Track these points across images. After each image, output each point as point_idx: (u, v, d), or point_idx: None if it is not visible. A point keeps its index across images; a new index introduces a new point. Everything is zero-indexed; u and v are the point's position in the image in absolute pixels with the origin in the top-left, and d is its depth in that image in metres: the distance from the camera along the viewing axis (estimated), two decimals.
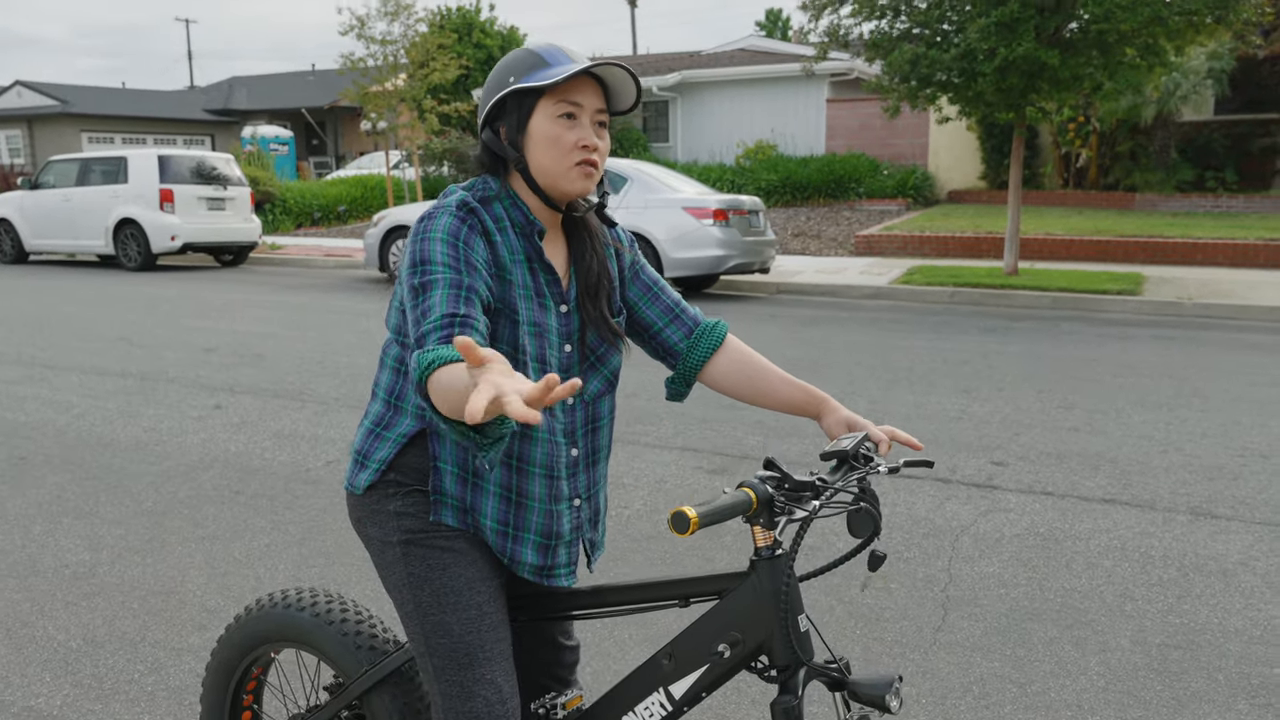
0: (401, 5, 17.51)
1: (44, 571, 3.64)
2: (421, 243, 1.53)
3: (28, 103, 31.94)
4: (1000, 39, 10.43)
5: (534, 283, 1.63)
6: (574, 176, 1.60)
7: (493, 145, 1.65)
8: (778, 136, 22.18)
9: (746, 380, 1.80)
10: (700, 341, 1.81)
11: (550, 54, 1.62)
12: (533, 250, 1.64)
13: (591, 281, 1.69)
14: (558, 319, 1.66)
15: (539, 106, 1.60)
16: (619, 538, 3.91)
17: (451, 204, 1.58)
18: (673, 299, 1.84)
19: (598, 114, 1.62)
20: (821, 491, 1.50)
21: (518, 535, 1.66)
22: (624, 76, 1.61)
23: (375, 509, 1.67)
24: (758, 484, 1.46)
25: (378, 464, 1.66)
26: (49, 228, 15.39)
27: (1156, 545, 3.84)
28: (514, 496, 1.65)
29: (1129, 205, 18.23)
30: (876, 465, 1.61)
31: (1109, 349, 8.07)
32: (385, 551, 1.67)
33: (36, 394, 6.40)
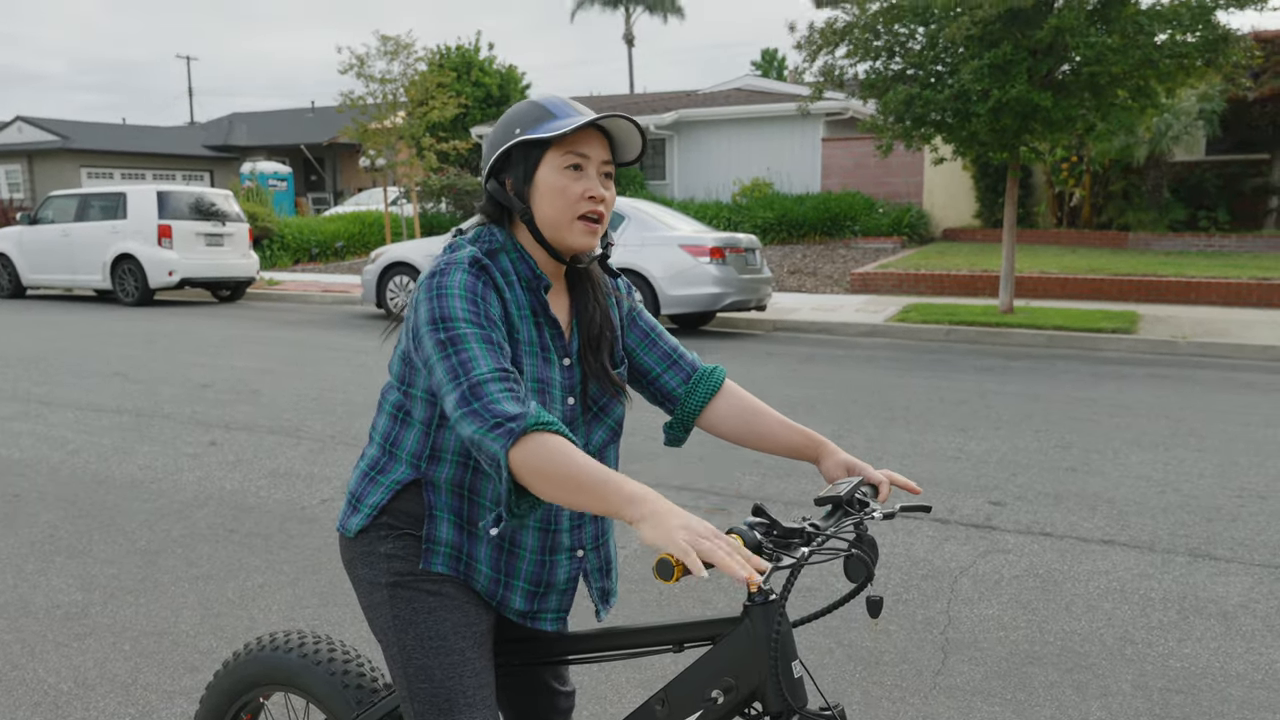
0: (401, 45, 17.70)
1: (35, 612, 3.61)
2: (439, 299, 1.53)
3: (28, 138, 32.11)
4: (994, 80, 10.55)
5: (539, 337, 1.64)
6: (579, 230, 1.61)
7: (498, 196, 1.65)
8: (774, 175, 22.35)
9: (744, 424, 1.80)
10: (698, 386, 1.82)
11: (556, 106, 1.63)
12: (538, 304, 1.64)
13: (594, 334, 1.70)
14: (560, 373, 1.66)
15: (546, 158, 1.61)
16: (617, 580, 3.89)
17: (463, 259, 1.58)
18: (670, 345, 1.85)
19: (604, 165, 1.64)
20: (812, 538, 1.50)
21: (508, 582, 1.67)
22: (629, 128, 1.63)
23: (366, 551, 1.68)
24: (746, 530, 1.45)
25: (370, 508, 1.67)
26: (47, 262, 15.42)
27: (1156, 587, 3.82)
28: (506, 545, 1.66)
29: (1122, 244, 18.35)
30: (871, 511, 1.60)
31: (1105, 388, 8.09)
32: (373, 593, 1.67)
33: (31, 430, 6.37)
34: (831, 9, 11.57)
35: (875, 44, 11.42)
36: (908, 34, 11.35)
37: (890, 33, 11.33)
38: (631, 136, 1.64)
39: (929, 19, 11.01)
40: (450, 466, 1.63)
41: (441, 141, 18.89)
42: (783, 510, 4.72)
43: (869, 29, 11.27)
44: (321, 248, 21.09)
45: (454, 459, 1.63)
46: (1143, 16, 10.31)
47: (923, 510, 1.71)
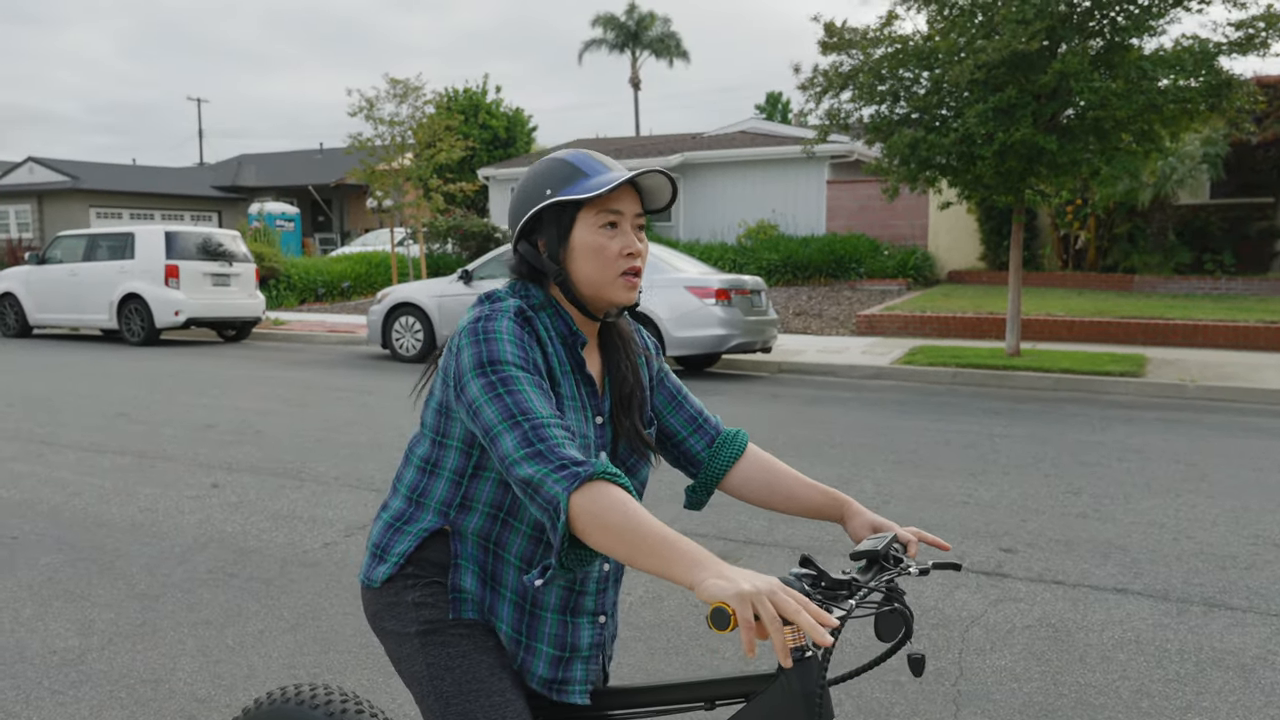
0: (410, 88, 17.88)
1: (31, 658, 3.55)
2: (487, 343, 1.50)
3: (39, 178, 32.42)
4: (998, 124, 10.61)
5: (579, 394, 1.63)
6: (620, 286, 1.60)
7: (531, 259, 1.63)
8: (779, 216, 22.45)
9: (767, 487, 1.80)
10: (722, 450, 1.82)
11: (585, 164, 1.61)
12: (574, 361, 1.63)
13: (626, 392, 1.69)
14: (594, 430, 1.65)
15: (580, 217, 1.59)
16: (621, 628, 3.82)
17: (509, 309, 1.56)
18: (696, 408, 1.85)
19: (636, 218, 1.62)
20: (856, 591, 1.47)
21: (530, 645, 1.63)
22: (660, 180, 1.61)
23: (393, 601, 1.65)
24: (794, 581, 1.42)
25: (397, 557, 1.64)
26: (54, 302, 15.48)
27: (1172, 638, 3.75)
28: (528, 606, 1.63)
29: (1128, 287, 18.34)
30: (907, 566, 1.58)
31: (1114, 432, 8.03)
32: (403, 644, 1.63)
33: (32, 471, 6.34)
34: (837, 54, 11.67)
35: (880, 88, 11.51)
36: (912, 78, 11.44)
37: (895, 77, 11.42)
38: (662, 186, 1.63)
39: (933, 64, 11.10)
40: (480, 517, 1.61)
41: (448, 183, 19.02)
42: (793, 555, 4.66)
43: (874, 73, 11.36)
44: (328, 288, 21.17)
45: (485, 510, 1.61)
46: (1146, 62, 10.39)
47: (953, 568, 1.71)
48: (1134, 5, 10.62)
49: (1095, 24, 10.78)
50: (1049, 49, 10.80)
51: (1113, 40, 10.77)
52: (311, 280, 21.02)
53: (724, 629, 1.27)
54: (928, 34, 11.24)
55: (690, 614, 3.97)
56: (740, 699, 1.55)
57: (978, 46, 10.49)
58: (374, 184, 18.71)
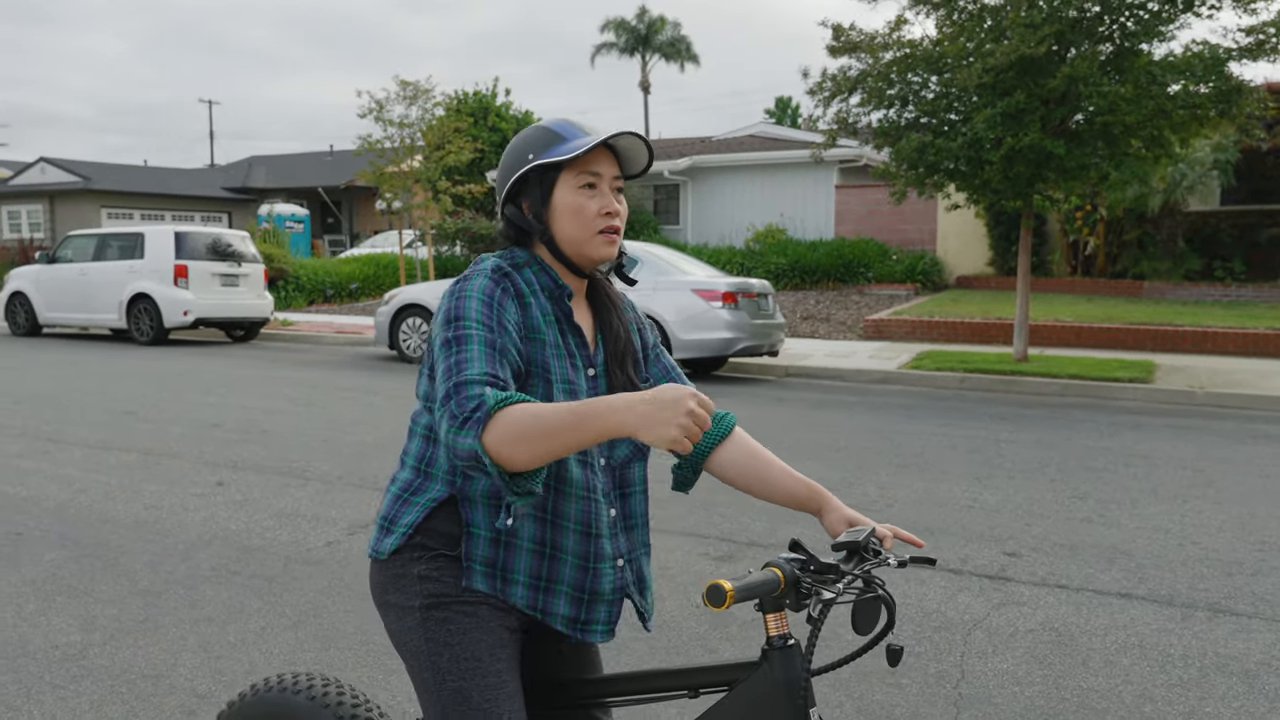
0: (420, 90, 17.91)
1: (34, 653, 3.56)
2: (457, 300, 1.59)
3: (50, 179, 32.58)
4: (1006, 129, 10.59)
5: (564, 343, 1.69)
6: (599, 243, 1.68)
7: (517, 220, 1.71)
8: (787, 221, 22.43)
9: (751, 471, 1.82)
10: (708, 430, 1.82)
11: (565, 129, 1.70)
12: (562, 313, 1.70)
13: (619, 348, 1.75)
14: (587, 381, 1.70)
15: (561, 179, 1.68)
16: (622, 625, 3.82)
17: (486, 268, 1.65)
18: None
19: (615, 180, 1.71)
20: (843, 577, 1.48)
21: (550, 587, 1.66)
22: (637, 143, 1.70)
23: (399, 573, 1.66)
24: (785, 564, 1.43)
25: (404, 528, 1.66)
26: (63, 301, 15.54)
27: (1175, 643, 3.72)
28: (548, 550, 1.65)
29: (1137, 293, 18.28)
30: (886, 558, 1.59)
31: (1121, 438, 7.99)
32: (404, 617, 1.65)
33: (39, 468, 6.36)
34: (845, 57, 11.67)
35: (889, 92, 11.49)
36: (921, 83, 11.42)
37: (903, 81, 11.41)
38: (638, 150, 1.72)
39: (942, 68, 11.08)
40: (485, 480, 1.63)
41: (457, 185, 19.04)
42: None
43: (883, 78, 11.35)
44: (336, 289, 21.23)
45: None
46: (1156, 67, 10.36)
47: (929, 563, 1.72)
48: (1144, 10, 10.59)
49: (1105, 29, 10.75)
50: (1058, 54, 10.78)
51: (1122, 45, 10.74)
52: (320, 281, 21.08)
53: (720, 605, 1.29)
54: (937, 38, 11.22)
55: (690, 614, 3.96)
56: (724, 687, 1.56)
57: (986, 50, 10.47)
58: (383, 186, 18.76)
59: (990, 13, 10.88)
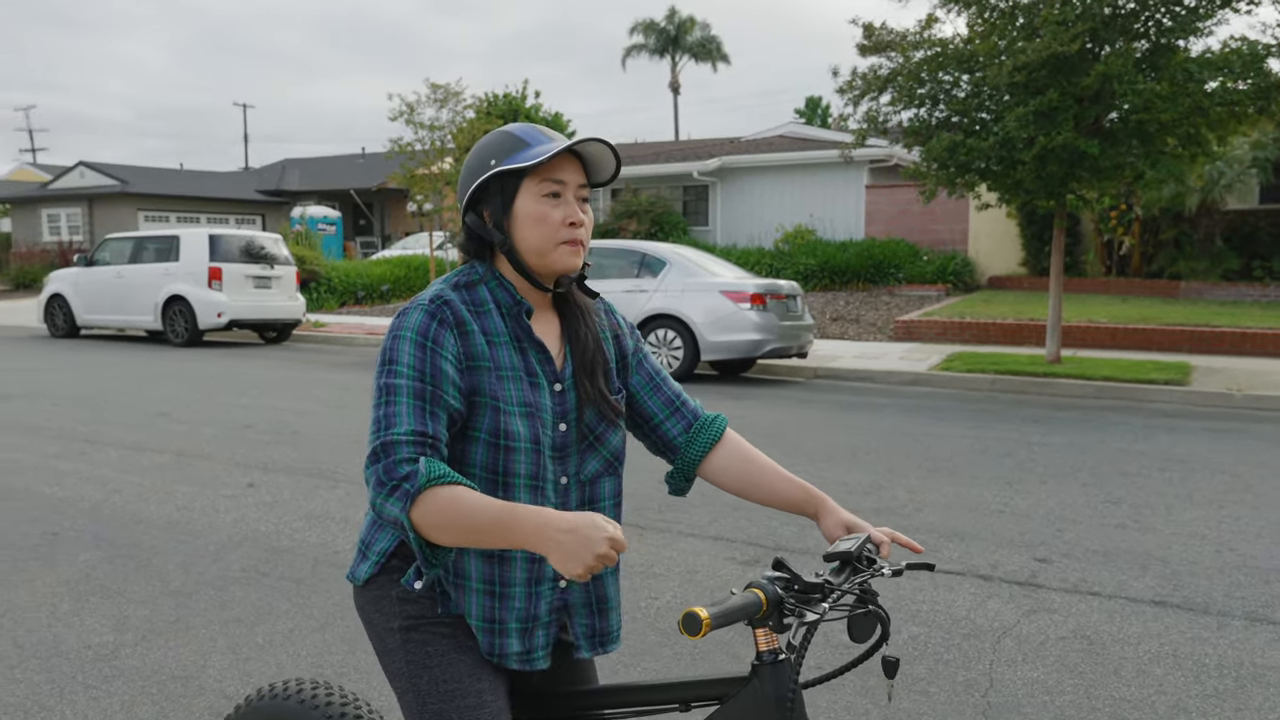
0: (451, 93, 18.01)
1: (67, 652, 3.61)
2: (393, 339, 1.57)
3: (89, 182, 33.09)
4: (1039, 128, 10.46)
5: (523, 362, 1.63)
6: (563, 253, 1.62)
7: (476, 229, 1.66)
8: (816, 221, 22.33)
9: (744, 475, 1.78)
10: (699, 435, 1.80)
11: (528, 134, 1.64)
12: (521, 330, 1.64)
13: (587, 359, 1.69)
14: (552, 398, 1.65)
15: (523, 187, 1.62)
16: (647, 631, 3.81)
17: (424, 299, 1.60)
18: (674, 390, 1.83)
19: (580, 189, 1.65)
20: (830, 593, 1.46)
21: (502, 627, 1.62)
22: (602, 150, 1.63)
23: (378, 595, 1.66)
24: (767, 585, 1.41)
25: (378, 554, 1.66)
26: (101, 303, 15.78)
27: (1211, 653, 3.66)
28: (496, 589, 1.62)
29: (1174, 293, 18.01)
30: (880, 568, 1.57)
31: (1156, 441, 7.87)
32: (387, 639, 1.65)
33: (75, 469, 6.46)
34: (876, 56, 11.59)
35: (919, 91, 11.40)
36: (952, 81, 11.32)
37: (934, 80, 11.31)
38: (605, 158, 1.65)
39: (973, 67, 10.97)
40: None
41: None
42: (814, 562, 4.61)
43: (913, 77, 11.26)
44: (367, 291, 21.38)
45: None
46: (1193, 64, 10.19)
47: (926, 568, 1.69)
48: (1180, 6, 10.43)
49: (1140, 26, 10.60)
50: (1092, 51, 10.64)
51: (1158, 42, 10.58)
52: (351, 283, 21.25)
53: (696, 634, 1.29)
54: (968, 37, 11.11)
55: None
56: (714, 701, 1.55)
57: (1018, 49, 10.36)
58: (414, 188, 18.87)
59: (1022, 10, 10.76)
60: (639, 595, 4.17)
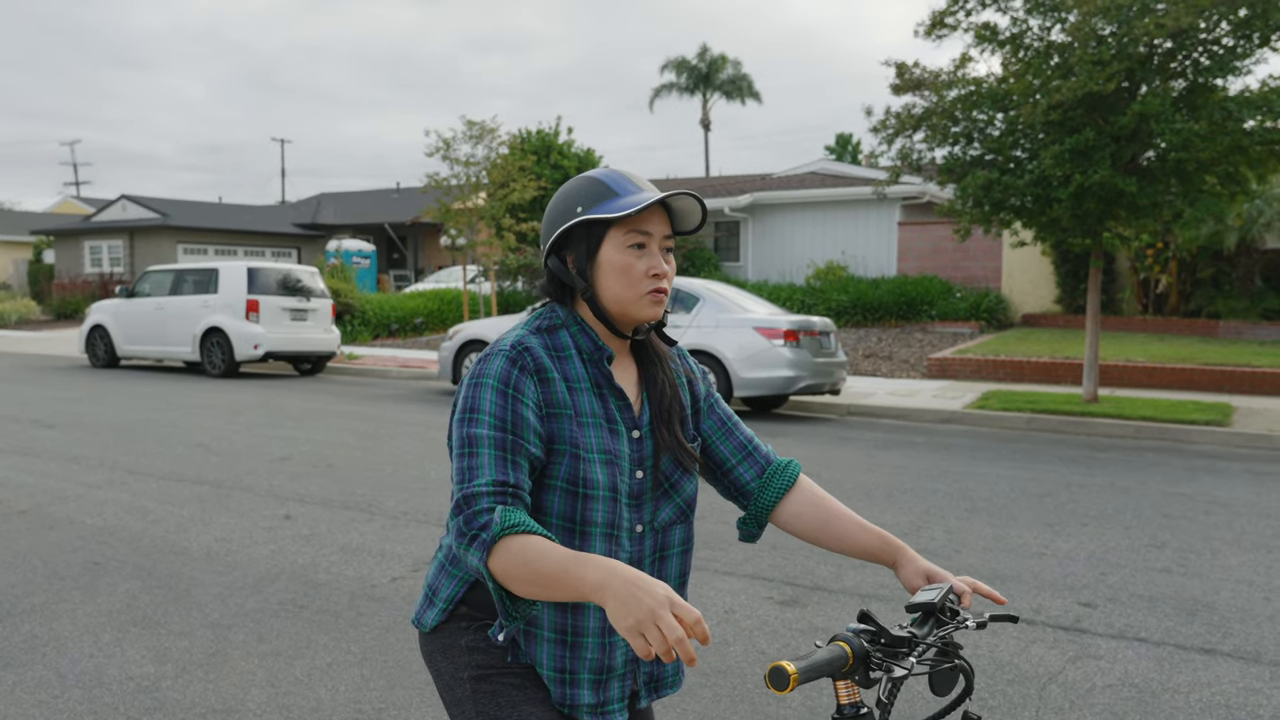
0: (486, 129, 18.24)
1: (109, 683, 3.63)
2: (475, 388, 1.56)
3: (131, 215, 33.74)
4: (1075, 166, 10.42)
5: (604, 409, 1.62)
6: (646, 303, 1.62)
7: (559, 274, 1.66)
8: (848, 258, 22.31)
9: (820, 523, 1.75)
10: (772, 481, 1.78)
11: (616, 182, 1.63)
12: (601, 376, 1.64)
13: (665, 405, 1.68)
14: (629, 445, 1.64)
15: (609, 236, 1.61)
16: (689, 673, 3.77)
17: (506, 345, 1.59)
18: (746, 435, 1.82)
19: (665, 240, 1.64)
20: (915, 647, 1.42)
21: (574, 678, 1.62)
22: (691, 203, 1.63)
23: (447, 643, 1.65)
24: (853, 638, 1.38)
25: (445, 601, 1.65)
26: (141, 334, 16.02)
27: (1265, 704, 3.57)
28: (569, 638, 1.61)
29: (1213, 333, 17.78)
30: (964, 620, 1.53)
31: (1199, 484, 7.74)
32: (455, 688, 1.63)
33: (116, 499, 6.53)
34: (909, 95, 11.62)
35: (953, 130, 11.41)
36: (986, 120, 11.32)
37: (969, 119, 11.32)
38: (692, 209, 1.65)
39: (1008, 105, 10.97)
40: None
41: (520, 222, 19.30)
42: (862, 603, 4.56)
43: (947, 115, 11.27)
44: (401, 324, 21.57)
45: None
46: (1231, 103, 10.14)
47: (1011, 620, 1.65)
48: (1218, 46, 10.40)
49: (1177, 65, 10.57)
50: (1128, 90, 10.61)
51: (1195, 81, 10.53)
52: (385, 316, 21.45)
53: (783, 689, 1.26)
54: (1002, 75, 11.13)
55: (755, 660, 3.91)
56: None
57: (1053, 87, 10.35)
58: (448, 222, 19.07)
59: (1057, 50, 10.76)
60: None
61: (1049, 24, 10.86)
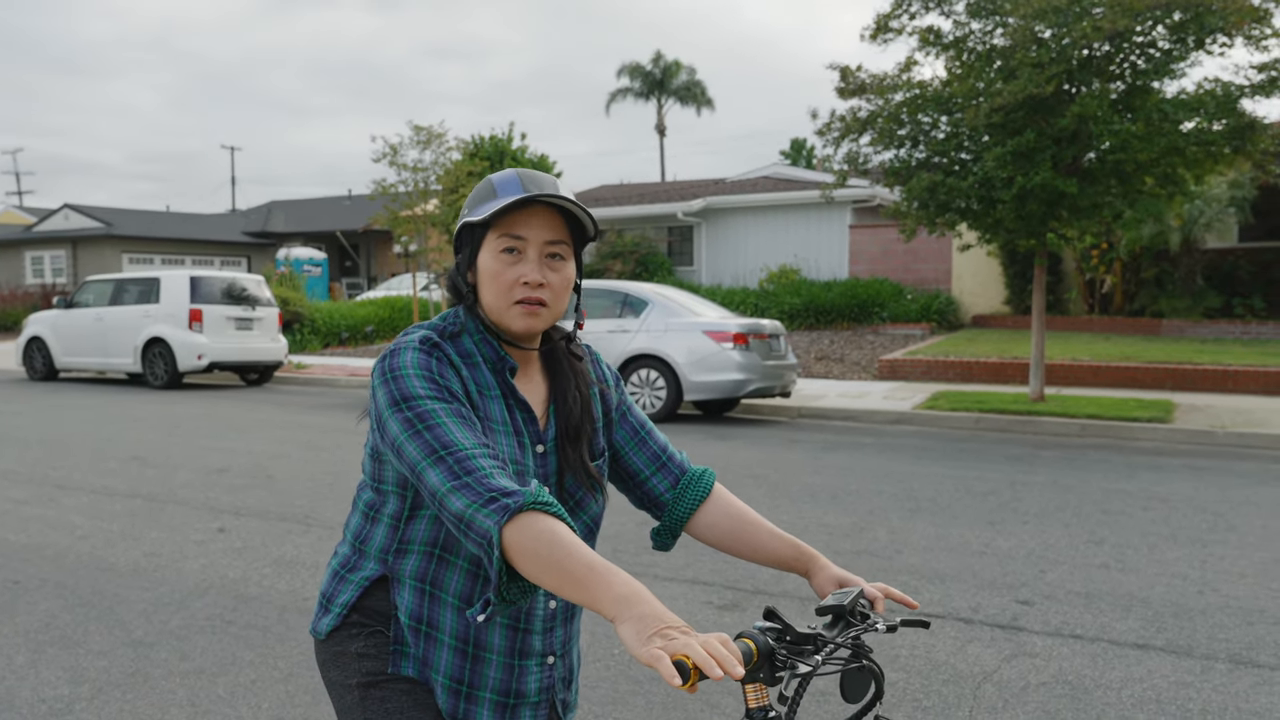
0: (433, 134, 18.08)
1: (19, 706, 3.49)
2: (395, 381, 1.45)
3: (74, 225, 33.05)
4: (1018, 168, 10.54)
5: (511, 419, 1.55)
6: (515, 314, 1.52)
7: (451, 278, 1.60)
8: (801, 261, 22.42)
9: (733, 534, 1.70)
10: (687, 492, 1.72)
11: (504, 184, 1.53)
12: (505, 387, 1.56)
13: (573, 424, 1.60)
14: (534, 459, 1.57)
15: (486, 240, 1.54)
16: (620, 680, 3.72)
17: (414, 339, 1.51)
18: (660, 444, 1.76)
19: (548, 245, 1.53)
20: (823, 646, 1.39)
21: (472, 694, 1.55)
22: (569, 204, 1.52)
23: (338, 651, 1.59)
24: (758, 635, 1.34)
25: (340, 607, 1.59)
26: (80, 346, 15.65)
27: (1195, 697, 3.58)
28: (470, 649, 1.54)
29: (1156, 331, 18.09)
30: (874, 622, 1.50)
31: (1139, 480, 7.83)
32: (345, 695, 1.57)
33: (43, 514, 6.33)
34: (855, 98, 11.69)
35: (899, 133, 11.49)
36: (931, 123, 11.41)
37: (914, 122, 11.40)
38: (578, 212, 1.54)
39: (952, 109, 11.07)
40: (416, 558, 1.54)
41: None
42: (802, 606, 4.53)
43: (893, 118, 11.35)
44: (352, 332, 21.30)
45: (420, 549, 1.54)
46: (1168, 104, 10.31)
47: (922, 625, 1.61)
48: (1154, 49, 10.57)
49: (1115, 68, 10.73)
50: (1068, 93, 10.75)
51: (1133, 84, 10.70)
52: (335, 324, 21.17)
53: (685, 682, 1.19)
54: (946, 79, 11.23)
55: None
56: None
57: (995, 90, 10.46)
58: (397, 229, 18.87)
59: (999, 54, 10.88)
60: (612, 642, 4.08)
61: (990, 27, 10.98)
